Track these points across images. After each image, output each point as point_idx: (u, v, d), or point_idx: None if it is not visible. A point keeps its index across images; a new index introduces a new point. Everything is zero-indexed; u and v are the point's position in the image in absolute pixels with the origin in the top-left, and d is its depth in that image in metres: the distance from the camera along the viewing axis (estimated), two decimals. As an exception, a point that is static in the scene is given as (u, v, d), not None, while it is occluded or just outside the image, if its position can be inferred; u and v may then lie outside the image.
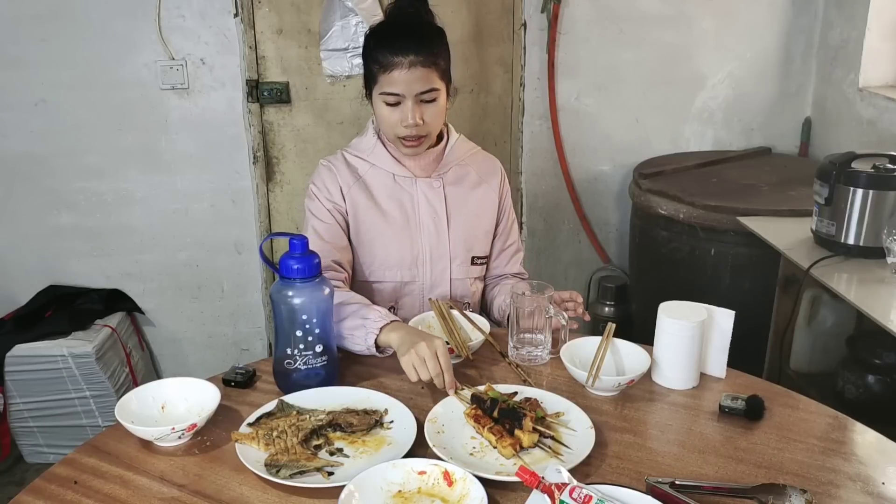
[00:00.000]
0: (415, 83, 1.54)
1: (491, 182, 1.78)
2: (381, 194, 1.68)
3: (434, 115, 1.60)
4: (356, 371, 1.47)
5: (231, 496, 1.12)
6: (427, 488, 1.11)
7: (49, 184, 2.77)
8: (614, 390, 1.38)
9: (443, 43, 1.61)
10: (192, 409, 1.29)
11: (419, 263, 1.70)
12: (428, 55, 1.55)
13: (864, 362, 2.13)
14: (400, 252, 1.69)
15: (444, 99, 1.62)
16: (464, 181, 1.74)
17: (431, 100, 1.58)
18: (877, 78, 2.72)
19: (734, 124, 3.07)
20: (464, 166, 1.75)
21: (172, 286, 2.94)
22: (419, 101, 1.57)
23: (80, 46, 2.64)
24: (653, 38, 2.93)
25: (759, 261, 2.38)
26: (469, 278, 1.75)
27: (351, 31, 2.72)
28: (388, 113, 1.59)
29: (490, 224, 1.78)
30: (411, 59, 1.53)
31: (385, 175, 1.69)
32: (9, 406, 2.61)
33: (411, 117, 1.56)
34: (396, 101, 1.56)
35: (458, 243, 1.72)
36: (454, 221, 1.71)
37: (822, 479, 1.15)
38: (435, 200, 1.70)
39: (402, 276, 1.70)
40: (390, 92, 1.56)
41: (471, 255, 1.74)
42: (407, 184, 1.69)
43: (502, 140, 3.01)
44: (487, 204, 1.77)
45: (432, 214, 1.70)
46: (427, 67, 1.55)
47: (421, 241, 1.69)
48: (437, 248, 1.70)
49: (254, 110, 2.77)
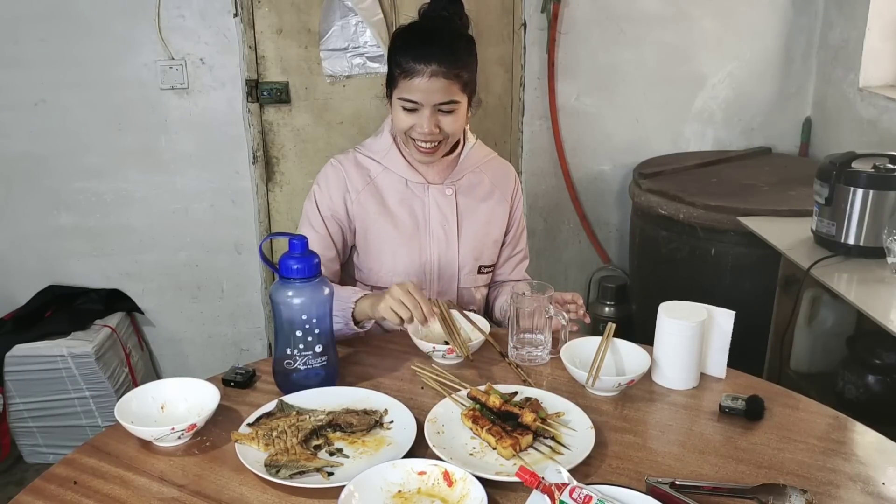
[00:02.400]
0: (434, 93, 1.52)
1: (504, 190, 1.76)
2: (393, 199, 1.66)
3: (451, 124, 1.57)
4: (356, 371, 1.47)
5: (231, 496, 1.12)
6: (427, 488, 1.11)
7: (49, 184, 2.77)
8: (614, 390, 1.37)
9: (470, 55, 1.58)
10: (191, 410, 1.29)
11: (427, 271, 1.69)
12: (451, 67, 1.51)
13: (865, 362, 2.13)
14: (409, 259, 1.67)
15: (464, 110, 1.59)
16: (476, 189, 1.72)
17: (450, 111, 1.55)
18: (877, 78, 2.72)
19: (734, 124, 3.07)
20: (478, 173, 1.73)
21: (172, 286, 2.94)
22: (437, 110, 1.54)
23: (79, 46, 2.64)
24: (653, 38, 2.93)
25: (759, 261, 2.37)
26: (475, 287, 1.74)
27: (351, 31, 2.72)
28: (405, 117, 1.56)
29: (500, 233, 1.77)
30: (433, 68, 1.50)
31: (397, 179, 1.67)
32: (8, 406, 2.61)
33: (427, 126, 1.54)
34: (414, 108, 1.54)
35: (468, 252, 1.70)
36: (464, 230, 1.70)
37: (823, 480, 1.15)
38: (446, 208, 1.68)
39: None
40: (409, 98, 1.53)
41: (479, 264, 1.73)
42: (419, 190, 1.67)
43: (502, 140, 3.01)
44: (498, 213, 1.75)
45: (443, 222, 1.68)
46: (449, 79, 1.52)
47: (430, 249, 1.68)
48: (445, 256, 1.69)
49: (253, 110, 2.77)
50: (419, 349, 1.48)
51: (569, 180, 3.04)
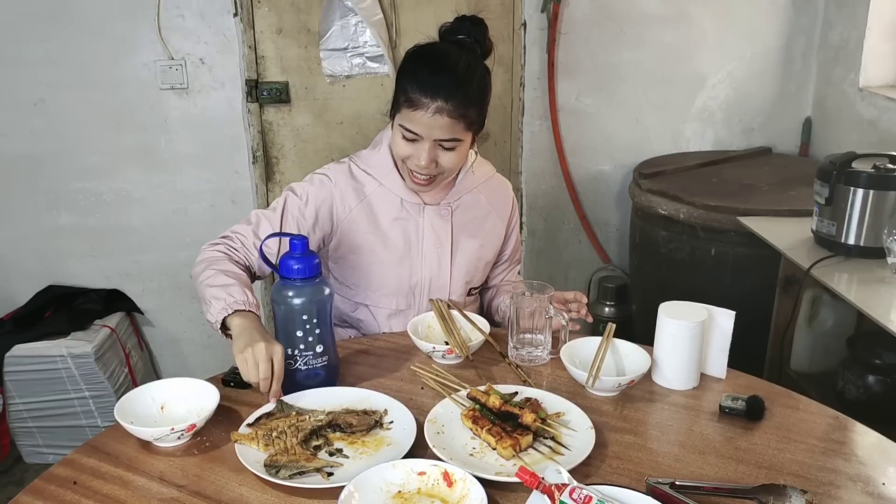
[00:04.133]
0: (436, 130, 1.45)
1: (500, 212, 1.72)
2: (386, 218, 1.61)
3: (450, 160, 1.51)
4: (356, 371, 1.47)
5: (230, 497, 1.12)
6: (427, 489, 1.11)
7: (48, 184, 2.77)
8: (614, 391, 1.37)
9: (482, 90, 1.50)
10: (191, 410, 1.29)
11: (416, 293, 1.65)
12: (458, 105, 1.43)
13: (865, 362, 2.13)
14: (398, 281, 1.63)
15: (466, 147, 1.53)
16: (473, 210, 1.67)
17: (451, 147, 1.49)
18: (877, 78, 2.72)
19: (734, 124, 3.07)
20: (475, 194, 1.68)
21: (172, 286, 2.94)
22: (437, 145, 1.48)
23: (79, 46, 2.64)
24: (653, 38, 2.93)
25: (759, 261, 2.37)
26: (465, 307, 1.71)
27: (350, 31, 2.73)
28: (403, 145, 1.51)
29: (492, 255, 1.74)
30: (438, 104, 1.43)
31: (393, 197, 1.61)
32: (8, 406, 2.61)
33: (425, 160, 1.48)
34: (414, 138, 1.48)
35: (459, 276, 1.67)
36: (458, 253, 1.66)
37: (823, 480, 1.15)
38: (441, 230, 1.63)
39: (398, 305, 1.65)
40: (409, 129, 1.47)
41: (469, 287, 1.70)
42: (414, 210, 1.62)
43: (502, 140, 3.01)
44: (493, 236, 1.72)
45: (436, 245, 1.63)
46: (453, 118, 1.44)
47: (422, 272, 1.64)
48: (437, 279, 1.65)
49: (253, 110, 2.77)
50: (419, 349, 1.48)
51: (569, 180, 3.04)
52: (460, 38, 1.52)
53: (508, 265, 1.81)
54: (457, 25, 1.53)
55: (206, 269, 1.47)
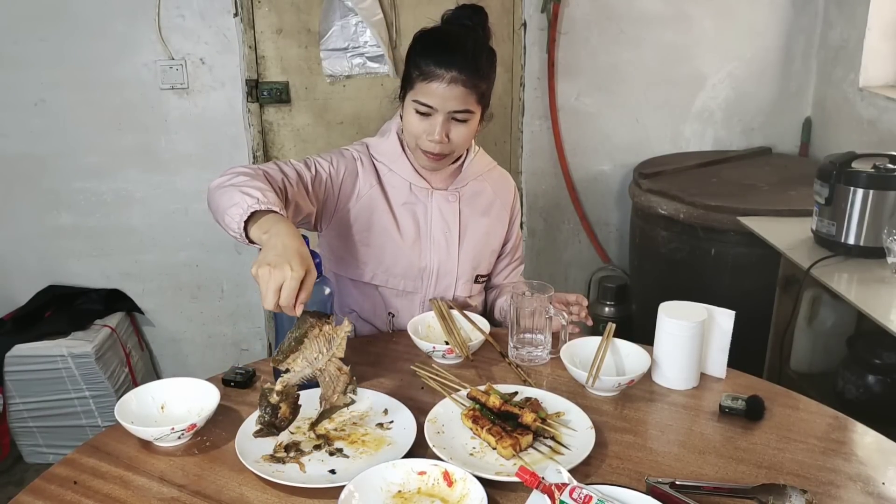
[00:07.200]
0: (450, 100, 1.50)
1: (504, 201, 1.76)
2: (397, 202, 1.65)
3: (462, 135, 1.55)
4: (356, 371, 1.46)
5: (231, 496, 1.12)
6: (427, 488, 1.11)
7: (49, 184, 2.77)
8: (614, 390, 1.37)
9: (490, 67, 1.55)
10: (191, 410, 1.29)
11: (424, 276, 1.68)
12: (471, 76, 1.49)
13: (865, 362, 2.13)
14: (407, 262, 1.66)
15: (476, 122, 1.57)
16: (479, 198, 1.72)
17: (463, 120, 1.54)
18: (877, 78, 2.72)
19: (734, 124, 3.07)
20: (480, 182, 1.72)
21: (172, 286, 2.94)
22: (450, 118, 1.53)
23: (79, 46, 2.64)
24: (653, 38, 2.93)
25: (759, 261, 2.37)
26: (470, 296, 1.73)
27: (351, 31, 2.73)
28: (417, 121, 1.54)
29: (498, 244, 1.77)
30: (453, 75, 1.48)
31: (402, 182, 1.65)
32: (8, 406, 2.61)
33: (438, 133, 1.52)
34: (427, 112, 1.52)
35: (467, 261, 1.70)
36: (465, 239, 1.69)
37: (823, 480, 1.15)
38: (449, 215, 1.67)
39: (406, 286, 1.67)
40: (424, 102, 1.51)
41: (476, 273, 1.73)
42: (423, 195, 1.66)
43: (502, 140, 3.01)
44: (498, 224, 1.75)
45: (444, 229, 1.67)
46: (467, 88, 1.49)
47: (430, 255, 1.67)
48: (445, 264, 1.68)
49: (253, 110, 2.77)
50: (419, 349, 1.48)
51: (569, 180, 3.04)
52: (464, 22, 1.58)
53: (511, 261, 1.82)
54: (458, 13, 1.59)
55: (237, 176, 1.37)
